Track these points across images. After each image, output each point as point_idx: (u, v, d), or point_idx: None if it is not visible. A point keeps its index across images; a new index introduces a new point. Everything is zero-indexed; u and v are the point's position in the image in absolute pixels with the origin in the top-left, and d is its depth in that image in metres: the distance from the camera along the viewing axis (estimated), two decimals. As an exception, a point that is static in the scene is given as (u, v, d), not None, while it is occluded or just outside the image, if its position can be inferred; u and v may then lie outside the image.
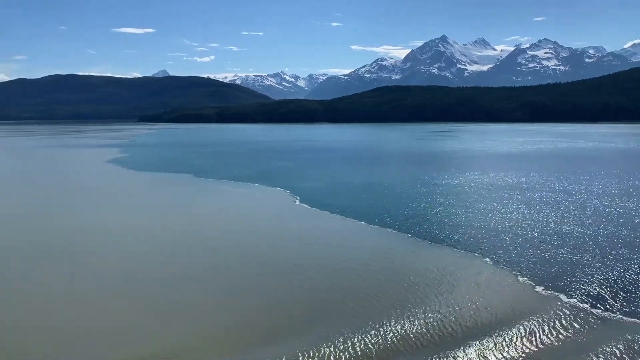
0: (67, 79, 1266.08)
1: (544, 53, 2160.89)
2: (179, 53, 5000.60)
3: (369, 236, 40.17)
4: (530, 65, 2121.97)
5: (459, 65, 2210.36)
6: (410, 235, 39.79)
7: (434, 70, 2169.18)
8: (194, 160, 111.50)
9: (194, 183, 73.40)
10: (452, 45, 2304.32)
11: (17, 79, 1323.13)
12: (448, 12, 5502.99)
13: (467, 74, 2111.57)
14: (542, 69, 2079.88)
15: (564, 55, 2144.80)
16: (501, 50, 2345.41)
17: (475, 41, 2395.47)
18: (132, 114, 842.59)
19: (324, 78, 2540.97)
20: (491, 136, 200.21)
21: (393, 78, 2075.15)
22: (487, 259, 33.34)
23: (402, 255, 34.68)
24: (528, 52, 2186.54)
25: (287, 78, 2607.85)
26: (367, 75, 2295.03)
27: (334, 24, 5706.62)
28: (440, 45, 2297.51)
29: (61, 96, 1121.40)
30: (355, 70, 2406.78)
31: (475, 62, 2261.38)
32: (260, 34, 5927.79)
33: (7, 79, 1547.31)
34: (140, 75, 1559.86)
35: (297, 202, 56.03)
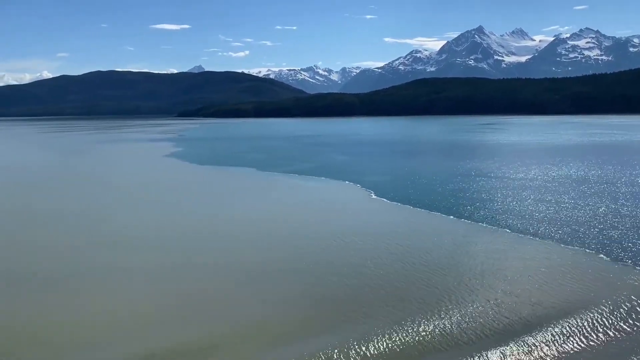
0: (108, 75, 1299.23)
1: (586, 43, 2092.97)
2: (214, 48, 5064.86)
3: (464, 232, 39.85)
4: (571, 55, 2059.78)
5: (496, 57, 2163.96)
6: (508, 231, 39.31)
7: (470, 62, 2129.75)
8: (249, 154, 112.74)
9: (263, 177, 74.12)
10: (488, 36, 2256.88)
11: (60, 76, 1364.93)
12: (484, 3, 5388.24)
13: (505, 66, 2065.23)
14: (583, 59, 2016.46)
15: (606, 44, 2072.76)
16: (540, 41, 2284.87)
17: (513, 32, 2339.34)
18: (171, 109, 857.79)
19: (357, 71, 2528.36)
20: (541, 128, 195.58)
21: (428, 70, 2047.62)
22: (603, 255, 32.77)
23: (505, 253, 34.34)
24: (568, 42, 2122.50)
25: (320, 72, 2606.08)
26: (401, 67, 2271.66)
27: (368, 16, 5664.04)
28: (476, 36, 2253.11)
29: (103, 92, 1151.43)
30: (389, 63, 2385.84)
31: (513, 53, 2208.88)
32: (294, 28, 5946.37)
33: (50, 75, 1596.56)
34: (176, 71, 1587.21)
35: (373, 196, 56.05)
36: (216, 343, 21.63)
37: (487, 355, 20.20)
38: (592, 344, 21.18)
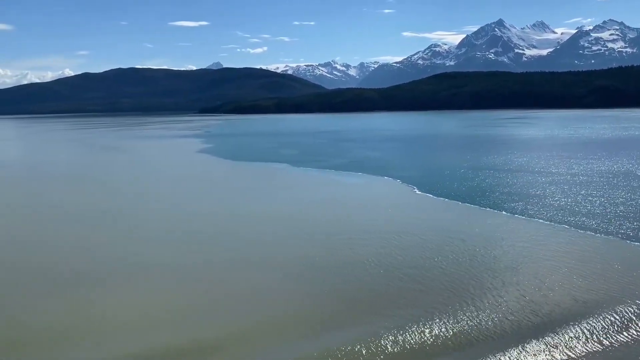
0: (128, 72, 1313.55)
1: (609, 35, 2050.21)
2: (232, 45, 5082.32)
3: (529, 231, 38.85)
4: (594, 48, 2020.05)
5: (516, 50, 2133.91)
6: (567, 226, 38.22)
7: (490, 56, 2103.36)
8: (279, 149, 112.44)
9: (299, 173, 73.62)
10: (509, 30, 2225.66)
11: (82, 74, 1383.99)
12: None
13: (526, 59, 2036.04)
14: (607, 52, 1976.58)
15: (631, 36, 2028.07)
16: (562, 33, 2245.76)
17: (534, 24, 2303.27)
18: (191, 105, 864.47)
19: (376, 66, 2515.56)
20: (570, 122, 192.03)
21: (447, 64, 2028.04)
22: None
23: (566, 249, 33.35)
24: (591, 34, 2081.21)
25: (338, 67, 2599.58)
26: (420, 62, 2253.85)
27: (386, 10, 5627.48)
28: (496, 29, 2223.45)
29: (123, 89, 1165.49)
30: (407, 58, 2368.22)
31: (534, 47, 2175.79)
32: (312, 23, 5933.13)
33: (72, 73, 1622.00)
34: (195, 68, 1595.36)
35: (417, 192, 55.24)
36: (249, 337, 21.82)
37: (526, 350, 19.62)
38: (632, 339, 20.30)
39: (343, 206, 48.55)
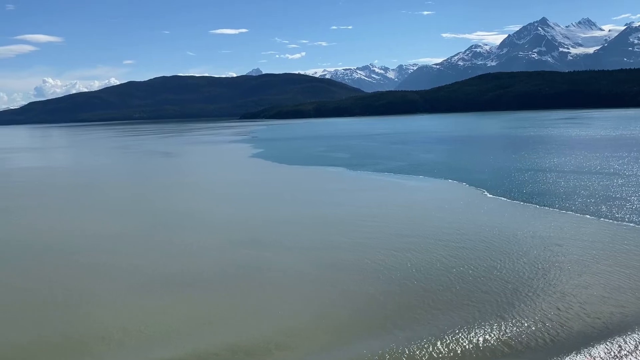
0: (172, 80, 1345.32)
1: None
2: (271, 51, 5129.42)
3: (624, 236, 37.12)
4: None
5: (561, 49, 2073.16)
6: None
7: (533, 55, 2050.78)
8: (331, 153, 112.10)
9: (358, 177, 73.01)
10: (552, 28, 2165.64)
11: (127, 82, 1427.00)
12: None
13: (571, 58, 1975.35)
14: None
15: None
16: (609, 30, 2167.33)
17: (580, 22, 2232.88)
18: (233, 111, 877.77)
19: (415, 68, 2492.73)
20: (628, 122, 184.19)
21: (489, 65, 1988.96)
22: None
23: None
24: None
25: (377, 70, 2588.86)
26: (460, 63, 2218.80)
27: (425, 12, 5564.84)
28: (539, 28, 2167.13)
29: (167, 96, 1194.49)
30: (447, 59, 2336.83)
31: (580, 45, 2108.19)
32: (350, 27, 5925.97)
33: (117, 82, 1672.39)
34: (235, 74, 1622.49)
35: (488, 195, 53.81)
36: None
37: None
38: None
39: (416, 210, 47.60)
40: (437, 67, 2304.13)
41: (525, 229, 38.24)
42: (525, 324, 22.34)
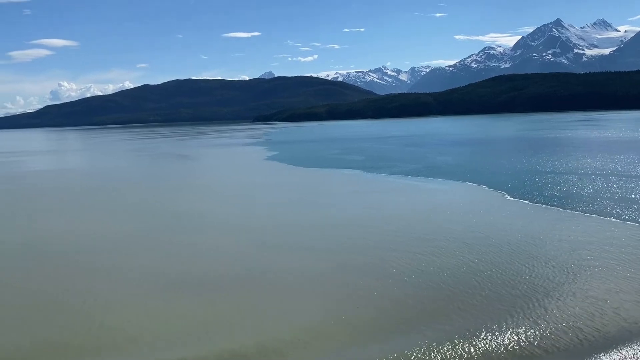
0: (185, 83, 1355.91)
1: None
2: (283, 54, 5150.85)
3: None
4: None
5: (576, 50, 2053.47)
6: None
7: (547, 57, 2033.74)
8: (346, 156, 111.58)
9: (375, 179, 72.46)
10: (567, 29, 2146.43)
11: (141, 86, 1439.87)
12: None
13: (586, 59, 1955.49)
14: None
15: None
16: (625, 31, 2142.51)
17: (595, 23, 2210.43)
18: (246, 114, 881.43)
19: (427, 70, 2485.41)
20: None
21: (502, 67, 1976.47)
22: None
23: None
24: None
25: (389, 72, 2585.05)
26: (473, 65, 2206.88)
27: (438, 14, 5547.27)
28: (554, 29, 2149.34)
29: (181, 100, 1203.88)
30: (460, 61, 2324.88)
31: (595, 46, 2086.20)
32: (362, 30, 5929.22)
33: (132, 85, 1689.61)
34: (248, 78, 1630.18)
35: (509, 197, 53.07)
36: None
37: None
38: None
39: (438, 213, 46.98)
40: (450, 69, 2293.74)
41: (551, 233, 37.56)
42: (560, 328, 21.88)
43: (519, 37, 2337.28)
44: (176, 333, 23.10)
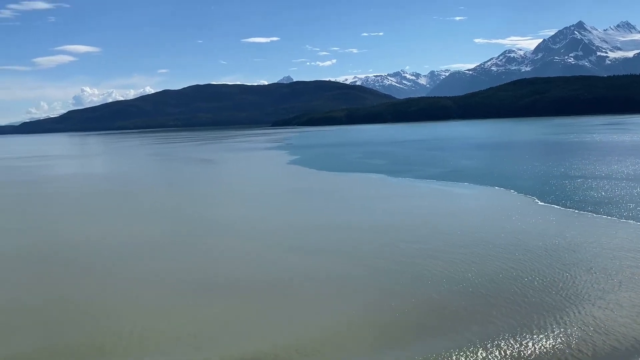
0: (205, 88, 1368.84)
1: None
2: (302, 59, 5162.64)
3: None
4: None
5: (599, 53, 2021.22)
6: None
7: (569, 60, 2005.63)
8: (369, 160, 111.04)
9: (401, 184, 71.73)
10: (590, 32, 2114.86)
11: (162, 91, 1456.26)
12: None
13: (609, 62, 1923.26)
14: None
15: None
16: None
17: (618, 25, 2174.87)
18: (264, 119, 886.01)
19: (447, 74, 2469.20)
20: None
21: (523, 70, 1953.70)
22: None
23: None
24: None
25: (408, 76, 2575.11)
26: (493, 68, 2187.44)
27: (457, 18, 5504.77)
28: (576, 32, 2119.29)
29: (201, 104, 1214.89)
30: (480, 64, 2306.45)
31: (619, 49, 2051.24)
32: (380, 34, 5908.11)
33: (152, 91, 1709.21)
34: (267, 82, 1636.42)
35: (539, 202, 51.96)
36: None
37: None
38: None
39: (468, 218, 46.19)
40: (470, 72, 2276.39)
41: (589, 239, 36.56)
42: (612, 337, 21.18)
43: (540, 40, 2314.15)
44: (199, 337, 23.00)
